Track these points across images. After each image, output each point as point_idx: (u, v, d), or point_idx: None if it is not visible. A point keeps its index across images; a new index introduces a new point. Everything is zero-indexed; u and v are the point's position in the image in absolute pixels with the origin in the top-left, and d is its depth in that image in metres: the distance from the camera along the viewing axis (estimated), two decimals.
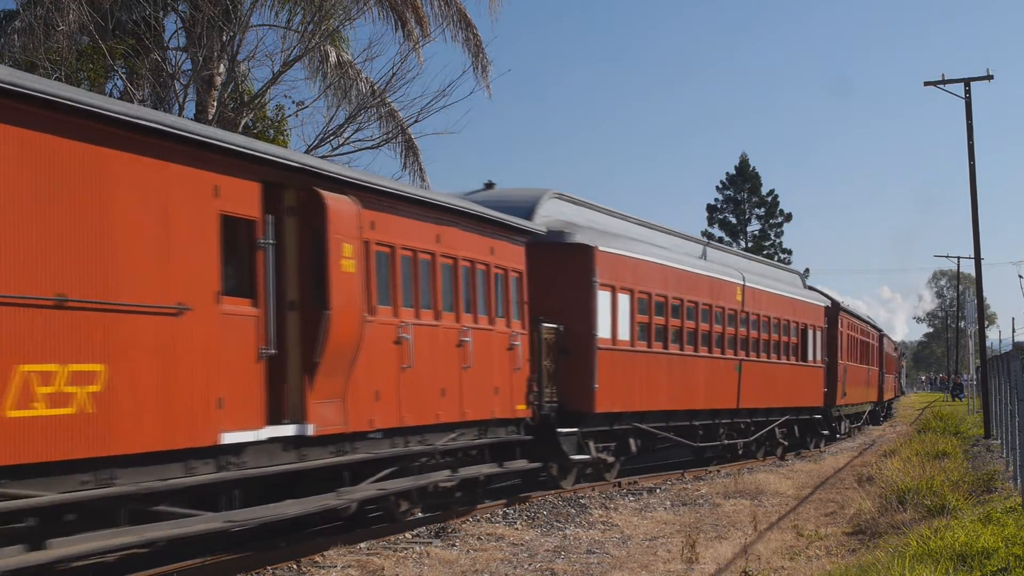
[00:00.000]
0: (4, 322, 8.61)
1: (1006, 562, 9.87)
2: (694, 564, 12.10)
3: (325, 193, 12.25)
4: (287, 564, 12.18)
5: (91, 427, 9.34)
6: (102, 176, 9.60)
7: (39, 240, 8.95)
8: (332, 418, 12.47)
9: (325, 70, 24.15)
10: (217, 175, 10.90)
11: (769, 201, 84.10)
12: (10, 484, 8.70)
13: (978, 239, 33.11)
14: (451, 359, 15.20)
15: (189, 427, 10.47)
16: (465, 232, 15.72)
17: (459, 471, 15.53)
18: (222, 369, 10.88)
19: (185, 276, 10.45)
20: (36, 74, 19.67)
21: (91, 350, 9.39)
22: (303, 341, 12.10)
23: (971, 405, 48.41)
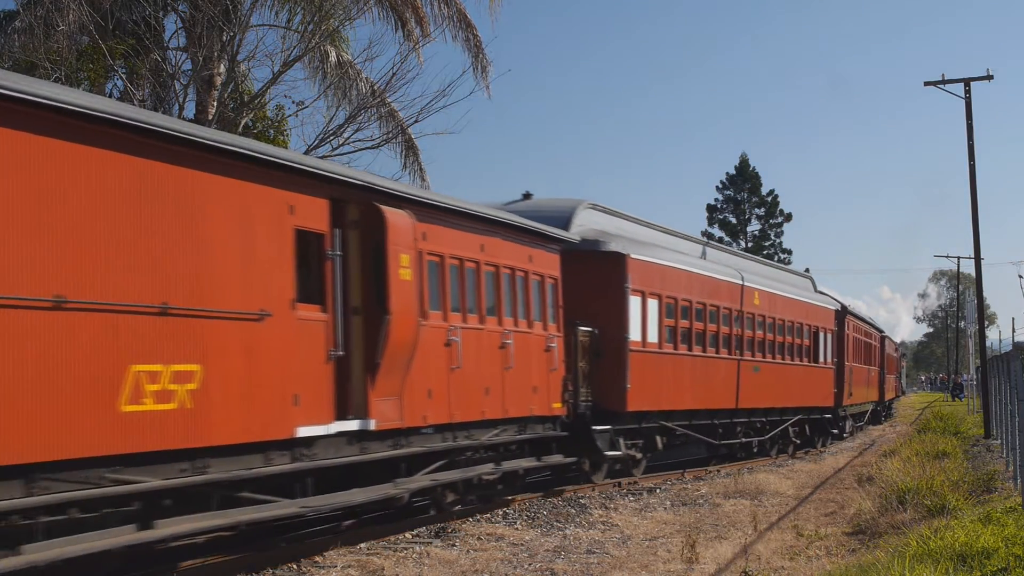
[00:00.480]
0: (121, 328, 9.74)
1: (1006, 562, 9.87)
2: (694, 564, 12.10)
3: (385, 208, 13.37)
4: (287, 564, 12.18)
5: (189, 420, 10.43)
6: (197, 197, 10.66)
7: (148, 256, 10.04)
8: (391, 414, 13.54)
9: (325, 70, 24.14)
10: (292, 194, 12.02)
11: (769, 201, 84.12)
12: (122, 471, 9.77)
13: (978, 239, 33.12)
14: (494, 360, 16.25)
15: (269, 421, 11.53)
16: (506, 241, 16.82)
17: (501, 464, 16.48)
18: (297, 369, 11.96)
19: (266, 285, 11.55)
20: (36, 74, 19.70)
21: (189, 352, 10.48)
22: (365, 343, 13.14)
23: (971, 405, 48.41)
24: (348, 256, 13.04)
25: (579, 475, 20.12)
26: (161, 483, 10.13)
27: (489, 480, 16.36)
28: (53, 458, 9.12)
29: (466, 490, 16.06)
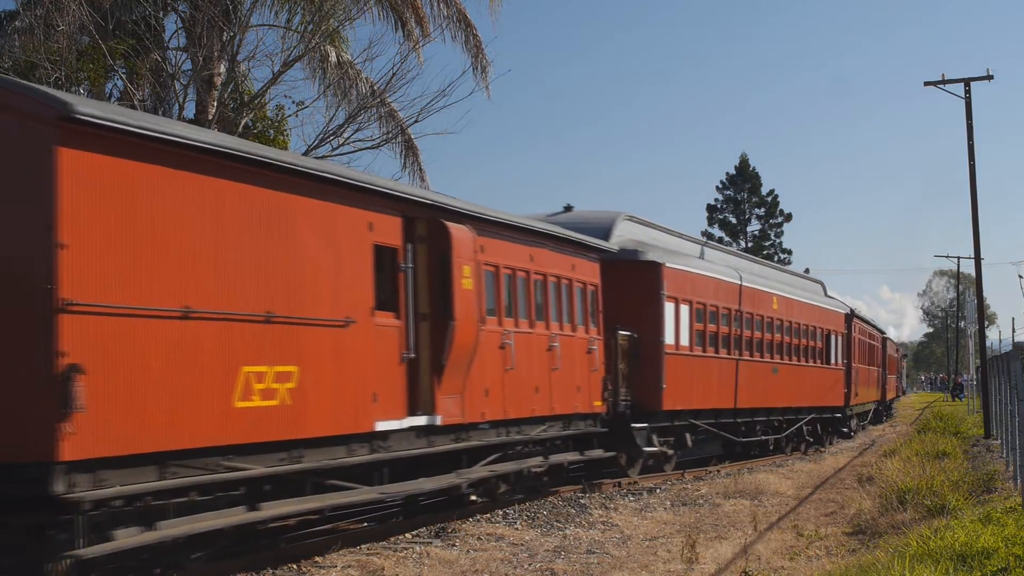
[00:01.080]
0: (234, 334, 11.07)
1: (1006, 562, 9.88)
2: (694, 564, 12.10)
3: (449, 224, 14.78)
4: (287, 564, 12.19)
5: (288, 415, 11.73)
6: (293, 218, 11.99)
7: (255, 271, 11.41)
8: (454, 411, 14.92)
9: (325, 70, 24.13)
10: (371, 213, 13.36)
11: (769, 201, 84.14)
12: (233, 459, 11.08)
13: (978, 239, 33.13)
14: (543, 361, 17.62)
15: (353, 416, 12.88)
16: (552, 252, 18.21)
17: (549, 458, 17.92)
18: (376, 370, 13.30)
19: (350, 295, 12.86)
20: (36, 74, 19.71)
21: (288, 355, 11.80)
22: (432, 347, 14.49)
23: (971, 405, 48.42)
24: (417, 267, 14.42)
25: (616, 470, 21.21)
26: (265, 470, 11.46)
27: (537, 472, 17.68)
28: (180, 447, 10.44)
29: (516, 481, 17.25)
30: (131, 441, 9.89)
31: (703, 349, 24.02)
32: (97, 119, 9.61)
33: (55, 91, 10.87)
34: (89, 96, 21.84)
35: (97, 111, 9.79)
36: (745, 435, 26.76)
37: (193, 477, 10.59)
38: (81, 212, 9.53)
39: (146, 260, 10.11)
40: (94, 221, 9.64)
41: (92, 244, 9.60)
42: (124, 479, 9.88)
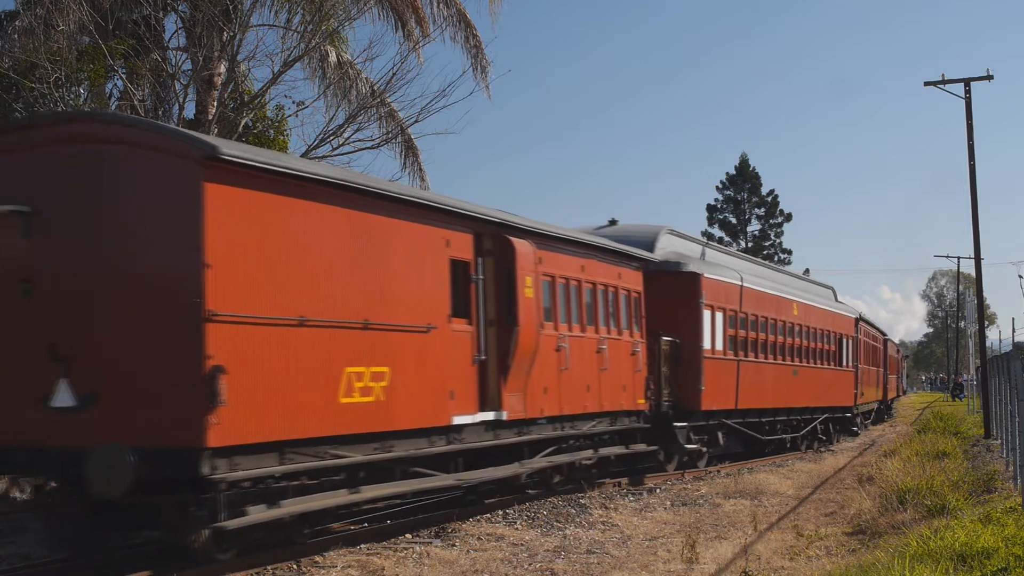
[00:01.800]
0: (338, 339, 12.62)
1: (1006, 562, 9.88)
2: (694, 564, 12.10)
3: (514, 239, 16.37)
4: (287, 564, 12.19)
5: (381, 410, 13.33)
6: (385, 237, 13.58)
7: (355, 284, 12.99)
8: (517, 407, 16.45)
9: (325, 70, 24.10)
10: (448, 231, 14.98)
11: (769, 201, 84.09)
12: (337, 448, 12.65)
13: (978, 239, 33.13)
14: (593, 363, 19.10)
15: (433, 411, 14.50)
16: (600, 262, 19.74)
17: (598, 451, 19.45)
18: (452, 370, 14.89)
19: (431, 304, 14.46)
20: (36, 74, 19.70)
21: (381, 357, 13.34)
22: (499, 349, 16.03)
23: (971, 405, 48.43)
24: (486, 279, 15.95)
25: (654, 465, 22.49)
26: (363, 458, 13.11)
27: (586, 464, 19.14)
28: (296, 437, 12.00)
29: (568, 472, 18.82)
30: (258, 431, 11.47)
31: (735, 353, 25.64)
32: (236, 158, 11.28)
33: (203, 135, 12.70)
34: (89, 96, 21.85)
35: (237, 151, 11.52)
36: (768, 433, 28.36)
37: (307, 463, 12.20)
38: (222, 237, 11.11)
39: (271, 276, 11.77)
40: (232, 244, 11.24)
41: (230, 264, 11.19)
42: (252, 464, 11.46)
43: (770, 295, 28.80)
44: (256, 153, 12.17)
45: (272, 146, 22.30)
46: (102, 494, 10.76)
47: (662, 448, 22.43)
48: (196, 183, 11.00)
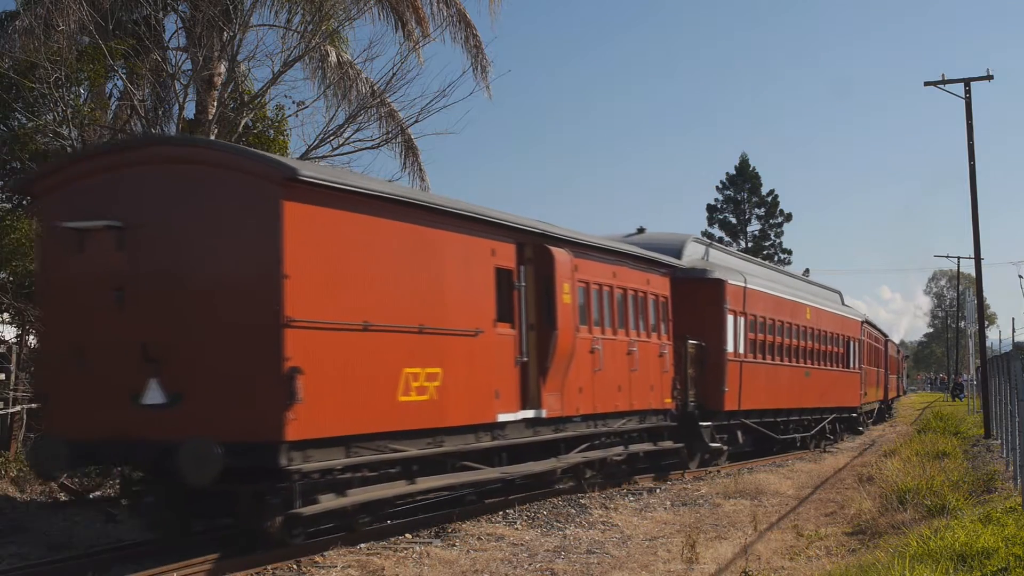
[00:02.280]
0: (397, 342, 13.61)
1: (1006, 562, 9.88)
2: (694, 564, 12.10)
3: (553, 248, 17.35)
4: (287, 564, 12.19)
5: (435, 408, 14.32)
6: (436, 248, 14.60)
7: (411, 292, 13.99)
8: (555, 406, 17.37)
9: (325, 70, 24.10)
10: (493, 241, 15.96)
11: (769, 201, 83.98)
12: (395, 443, 13.67)
13: (978, 239, 33.12)
14: (624, 364, 20.08)
15: (480, 409, 15.51)
16: (631, 269, 20.73)
17: (628, 447, 20.48)
18: (497, 371, 15.93)
19: (478, 310, 15.47)
20: (36, 74, 19.70)
21: (435, 358, 14.34)
22: (539, 352, 16.98)
23: (971, 405, 48.42)
24: (527, 285, 16.91)
25: (677, 462, 23.22)
26: (418, 452, 14.13)
27: (617, 460, 20.15)
28: (360, 432, 13.02)
29: (600, 468, 19.83)
30: (328, 426, 12.46)
31: (754, 356, 26.76)
32: (311, 178, 12.31)
33: (282, 158, 13.74)
34: (89, 96, 21.85)
35: (313, 173, 12.60)
36: (782, 433, 29.41)
37: (369, 456, 13.27)
38: (298, 250, 12.10)
39: (339, 285, 12.75)
40: (306, 256, 12.22)
41: (305, 274, 12.17)
42: (322, 456, 12.45)
43: (786, 300, 29.98)
44: (327, 173, 13.29)
45: (272, 146, 22.29)
46: (193, 482, 11.69)
47: (687, 446, 23.30)
48: (276, 202, 12.02)
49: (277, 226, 11.94)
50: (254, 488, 12.10)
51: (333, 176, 13.20)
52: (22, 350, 20.52)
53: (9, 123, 21.10)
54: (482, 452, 15.81)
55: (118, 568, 11.89)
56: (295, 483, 12.09)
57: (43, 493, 17.63)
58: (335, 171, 13.72)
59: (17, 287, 20.17)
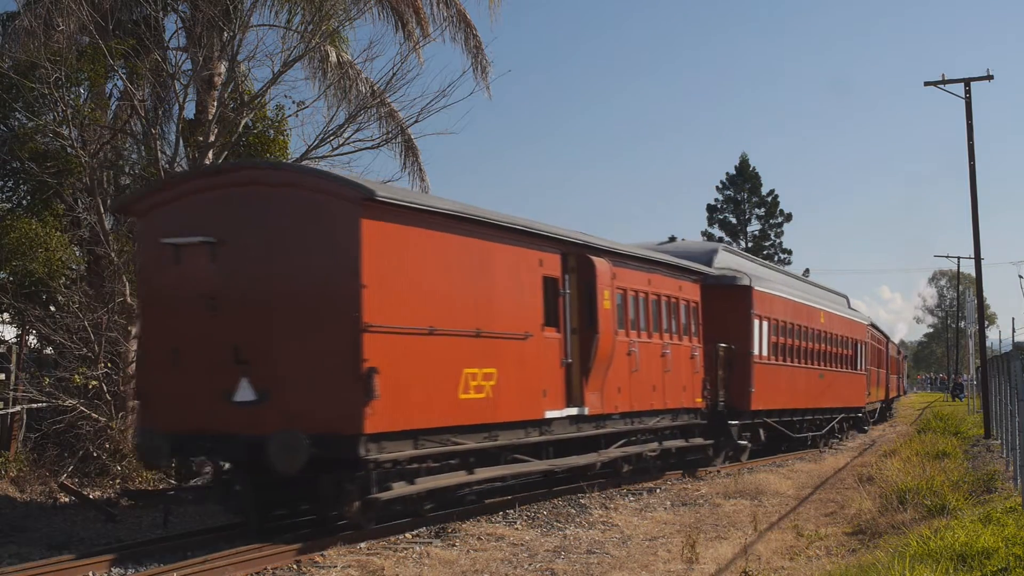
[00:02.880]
0: (457, 345, 14.95)
1: (1006, 562, 9.88)
2: (694, 564, 12.10)
3: (594, 258, 18.60)
4: (287, 564, 12.19)
5: (490, 405, 15.62)
6: (490, 259, 15.90)
7: (468, 300, 15.29)
8: (596, 404, 18.61)
9: (325, 70, 24.09)
10: (540, 252, 17.25)
11: (769, 201, 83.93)
12: (456, 436, 14.93)
13: (978, 239, 33.13)
14: (658, 365, 21.43)
15: (530, 407, 16.79)
16: (664, 276, 22.06)
17: (662, 443, 21.75)
18: (545, 372, 17.18)
19: (527, 315, 16.74)
20: (36, 74, 19.70)
21: (490, 360, 15.61)
22: (581, 354, 18.16)
23: (971, 405, 48.41)
24: (571, 292, 18.08)
25: (702, 458, 24.06)
26: (476, 445, 15.42)
27: (651, 456, 21.32)
28: (426, 426, 14.33)
29: (637, 463, 21.00)
30: (400, 421, 13.72)
31: (776, 358, 28.16)
32: (385, 199, 13.56)
33: (361, 179, 14.69)
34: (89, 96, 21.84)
35: (387, 193, 13.84)
36: (798, 431, 30.76)
37: (434, 448, 14.54)
38: (374, 262, 13.37)
39: (408, 294, 14.00)
40: (381, 268, 13.51)
41: (380, 284, 13.43)
42: (394, 448, 13.70)
43: (804, 305, 31.49)
44: (399, 193, 14.59)
45: (272, 146, 22.29)
46: (283, 471, 12.93)
47: (716, 443, 24.51)
48: (355, 220, 13.33)
49: (356, 241, 13.26)
50: (335, 476, 13.23)
51: (403, 196, 14.60)
52: (22, 350, 20.53)
53: (9, 123, 21.10)
54: (531, 446, 17.03)
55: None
56: (372, 471, 13.32)
57: (43, 493, 17.65)
58: (405, 191, 14.95)
59: (17, 287, 20.17)
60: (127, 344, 19.52)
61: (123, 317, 19.76)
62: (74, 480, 18.11)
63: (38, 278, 19.96)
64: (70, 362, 19.24)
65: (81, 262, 22.07)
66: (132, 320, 19.70)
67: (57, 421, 18.90)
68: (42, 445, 19.08)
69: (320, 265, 13.42)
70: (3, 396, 19.42)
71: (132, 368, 19.54)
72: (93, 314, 19.56)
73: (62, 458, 18.75)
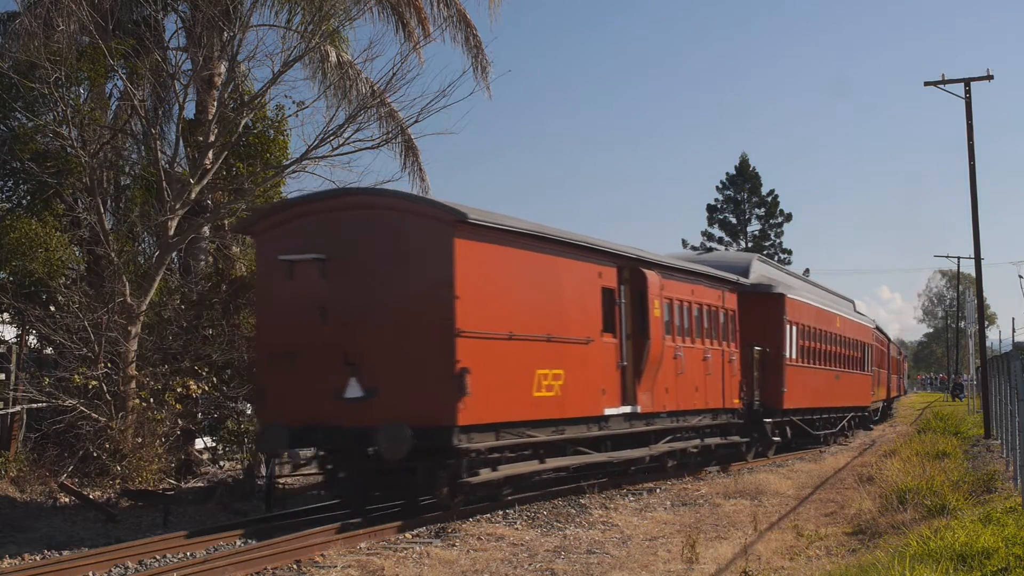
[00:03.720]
0: (532, 349, 16.70)
1: (1006, 562, 9.88)
2: (694, 564, 12.09)
3: (646, 271, 20.44)
4: (287, 564, 12.19)
5: (558, 402, 17.35)
6: (558, 272, 17.72)
7: (540, 309, 17.09)
8: (647, 403, 20.49)
9: (325, 70, 24.09)
10: (599, 266, 19.09)
11: (769, 201, 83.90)
12: (529, 430, 16.76)
13: (978, 239, 33.13)
14: (700, 368, 23.31)
15: (591, 404, 18.55)
16: (706, 287, 24.05)
17: (704, 440, 23.63)
18: (603, 373, 18.99)
19: (588, 322, 18.53)
20: (36, 74, 19.69)
21: (559, 362, 17.36)
22: (634, 357, 19.94)
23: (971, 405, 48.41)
24: (625, 301, 19.82)
25: (735, 453, 25.74)
26: (547, 438, 17.22)
27: (693, 451, 23.11)
28: (506, 420, 16.14)
29: (681, 458, 22.67)
30: (485, 415, 15.50)
31: (803, 361, 30.20)
32: (474, 220, 15.33)
33: (453, 204, 15.74)
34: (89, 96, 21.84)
35: (477, 216, 15.46)
36: (816, 429, 32.71)
37: (513, 440, 16.33)
38: (464, 276, 15.16)
39: (492, 303, 15.76)
40: (470, 281, 15.26)
41: (469, 295, 15.21)
42: (480, 439, 15.49)
43: (824, 311, 33.81)
44: (485, 216, 15.97)
45: (272, 146, 22.30)
46: (389, 458, 14.80)
47: (753, 439, 26.53)
48: (450, 239, 15.12)
49: (450, 258, 15.07)
50: (431, 463, 15.16)
51: (489, 218, 16.06)
52: (22, 350, 20.53)
53: (9, 123, 21.10)
54: (592, 439, 18.90)
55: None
56: (463, 459, 15.18)
57: (43, 493, 17.65)
58: (490, 214, 16.48)
59: (17, 287, 20.17)
60: (127, 344, 19.52)
61: (123, 317, 19.76)
62: (74, 480, 18.11)
63: (38, 278, 19.97)
64: (70, 362, 19.24)
65: (81, 262, 22.07)
66: (132, 320, 19.71)
67: (57, 421, 18.90)
68: (42, 445, 19.09)
69: (419, 279, 15.28)
70: (3, 396, 19.43)
71: (132, 368, 19.58)
72: (93, 314, 19.57)
73: (62, 458, 18.76)
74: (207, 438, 22.05)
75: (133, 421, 19.12)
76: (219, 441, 21.82)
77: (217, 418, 21.50)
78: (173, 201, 20.27)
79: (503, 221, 16.41)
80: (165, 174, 20.23)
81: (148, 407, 19.50)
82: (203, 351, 20.63)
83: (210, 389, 20.62)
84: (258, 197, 21.93)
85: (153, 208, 21.49)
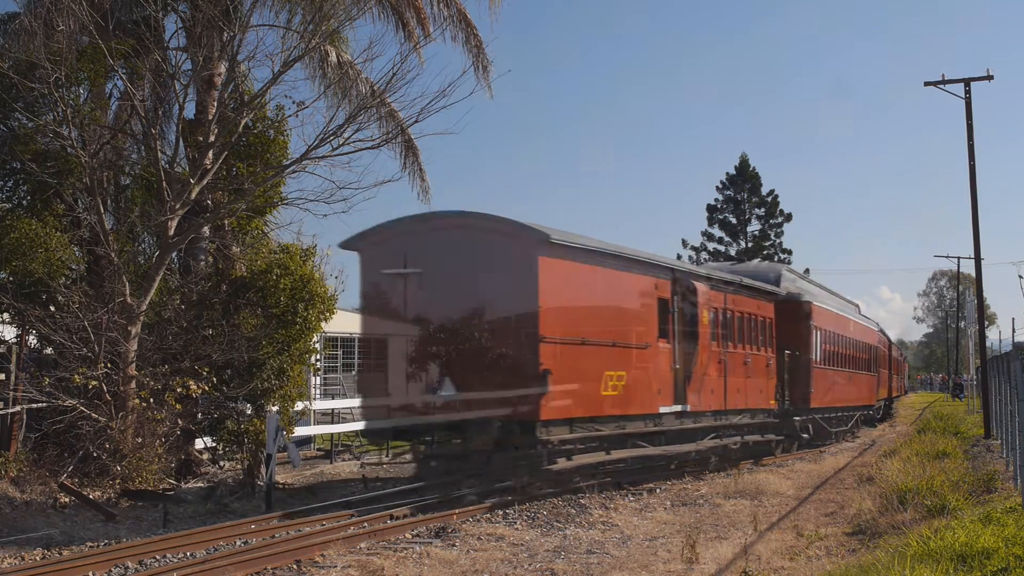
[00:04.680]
0: (600, 353, 19.01)
1: (1006, 562, 9.87)
2: (694, 564, 12.10)
3: (696, 283, 22.88)
4: (287, 563, 12.19)
5: (621, 400, 19.69)
6: (621, 285, 20.07)
7: (606, 318, 19.46)
8: (695, 402, 22.73)
9: (325, 70, 24.08)
10: (656, 279, 21.40)
11: (769, 201, 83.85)
12: (597, 425, 19.01)
13: (978, 239, 33.09)
14: (741, 371, 25.78)
15: (648, 403, 20.88)
16: (746, 297, 26.61)
17: (743, 437, 25.74)
18: (659, 375, 21.28)
19: (646, 330, 20.85)
20: (36, 74, 19.68)
21: (622, 364, 19.75)
22: (684, 361, 22.18)
23: (971, 405, 48.40)
24: (678, 311, 22.00)
25: (765, 449, 27.47)
26: (612, 431, 19.56)
27: (733, 448, 24.90)
28: (579, 415, 18.46)
29: (723, 454, 24.40)
30: (563, 411, 17.77)
31: (826, 364, 32.69)
32: (556, 240, 17.66)
33: (538, 225, 17.86)
34: (89, 96, 21.83)
35: (558, 237, 17.83)
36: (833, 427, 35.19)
37: (584, 433, 18.59)
38: (547, 289, 17.51)
39: (568, 312, 18.09)
40: (551, 293, 17.61)
41: (551, 306, 17.58)
42: (558, 432, 17.76)
43: (840, 315, 36.48)
44: (564, 236, 18.19)
45: (272, 146, 22.27)
46: (478, 448, 17.27)
47: (785, 436, 28.81)
48: (535, 257, 17.46)
49: (535, 273, 17.37)
50: (515, 453, 17.36)
51: (567, 238, 18.30)
52: (22, 350, 20.52)
53: (9, 123, 21.09)
54: (649, 434, 20.96)
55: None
56: (544, 449, 17.36)
57: (43, 493, 17.64)
58: (568, 234, 18.43)
59: (17, 287, 20.16)
60: (127, 344, 19.52)
61: (123, 317, 19.75)
62: (74, 480, 18.10)
63: (38, 278, 19.95)
64: (70, 362, 19.22)
65: (81, 262, 22.05)
66: (132, 320, 19.70)
67: (57, 421, 18.88)
68: (42, 445, 19.07)
69: (507, 290, 17.55)
70: (3, 396, 19.41)
71: (132, 368, 19.58)
72: (93, 314, 19.55)
73: (62, 458, 18.74)
74: (207, 438, 22.02)
75: (133, 421, 19.10)
76: (219, 441, 21.79)
77: (217, 418, 21.48)
78: (173, 201, 20.26)
79: (578, 240, 18.65)
80: (165, 174, 20.21)
81: (148, 407, 19.48)
82: (203, 351, 20.61)
83: (210, 389, 20.60)
84: (258, 197, 21.93)
85: (153, 208, 21.47)
